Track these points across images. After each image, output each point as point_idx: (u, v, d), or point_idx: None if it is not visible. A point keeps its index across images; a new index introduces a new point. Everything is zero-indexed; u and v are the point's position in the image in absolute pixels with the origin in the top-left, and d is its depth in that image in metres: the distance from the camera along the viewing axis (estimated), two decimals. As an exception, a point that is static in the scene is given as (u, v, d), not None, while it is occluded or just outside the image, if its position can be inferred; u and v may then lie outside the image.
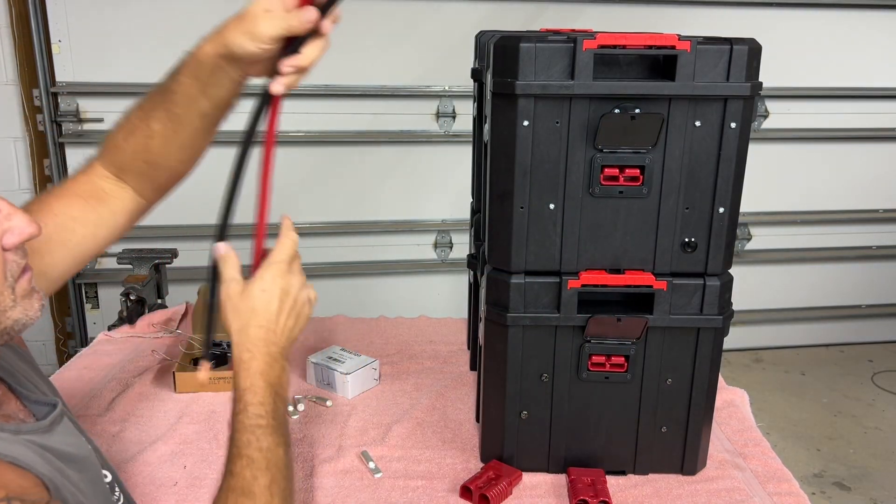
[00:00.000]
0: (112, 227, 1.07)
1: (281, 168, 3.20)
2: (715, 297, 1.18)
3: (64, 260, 1.02)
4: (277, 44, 0.93)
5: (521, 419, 1.25)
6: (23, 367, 0.93)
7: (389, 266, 2.98)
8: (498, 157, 1.13)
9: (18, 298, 0.78)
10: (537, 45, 1.06)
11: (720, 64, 1.07)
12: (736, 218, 1.16)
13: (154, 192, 1.09)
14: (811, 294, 3.32)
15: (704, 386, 1.23)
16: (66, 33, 2.60)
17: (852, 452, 2.64)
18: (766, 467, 1.31)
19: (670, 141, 1.11)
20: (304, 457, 1.31)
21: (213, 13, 2.68)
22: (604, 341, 1.19)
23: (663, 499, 1.22)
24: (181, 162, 1.06)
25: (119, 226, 1.08)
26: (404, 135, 2.85)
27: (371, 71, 2.75)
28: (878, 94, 3.07)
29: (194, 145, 1.05)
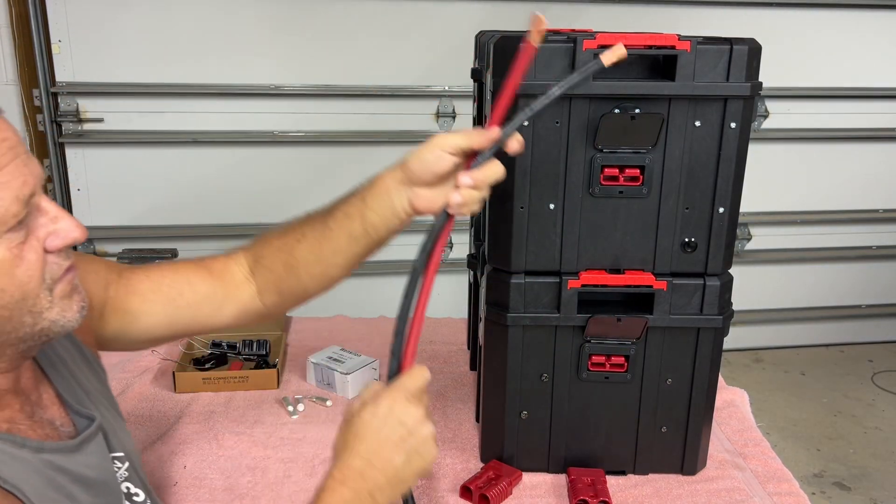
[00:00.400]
0: (218, 309, 1.06)
1: (281, 168, 3.22)
2: (715, 297, 1.18)
3: (161, 314, 1.03)
4: (455, 157, 0.92)
5: (521, 419, 1.25)
6: (79, 376, 0.94)
7: (389, 266, 2.97)
8: (498, 158, 1.13)
9: (56, 299, 0.77)
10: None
11: (720, 64, 1.07)
12: (736, 218, 1.16)
13: (273, 301, 1.08)
14: (811, 294, 3.31)
15: (704, 386, 1.22)
16: (66, 33, 2.60)
17: (852, 452, 2.64)
18: (766, 467, 1.31)
19: (670, 141, 1.11)
20: (304, 457, 1.31)
21: (212, 13, 2.67)
22: (604, 341, 1.19)
23: (663, 499, 1.22)
24: (313, 277, 1.04)
25: (225, 312, 1.07)
26: (404, 135, 2.84)
27: (371, 71, 2.75)
28: (878, 94, 3.07)
29: (331, 265, 1.03)
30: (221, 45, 2.64)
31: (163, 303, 1.03)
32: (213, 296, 1.06)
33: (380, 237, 1.00)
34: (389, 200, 0.97)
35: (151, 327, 1.04)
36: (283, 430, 1.39)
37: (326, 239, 1.01)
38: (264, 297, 1.07)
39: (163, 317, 1.04)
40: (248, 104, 2.72)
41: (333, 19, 2.68)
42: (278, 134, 2.77)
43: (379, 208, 0.97)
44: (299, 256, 1.03)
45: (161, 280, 1.04)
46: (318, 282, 1.04)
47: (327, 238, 1.01)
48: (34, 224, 0.74)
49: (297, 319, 1.87)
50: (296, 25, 2.67)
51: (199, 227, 2.76)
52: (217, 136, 2.74)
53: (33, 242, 0.74)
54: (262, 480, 1.25)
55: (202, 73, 2.65)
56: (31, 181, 0.73)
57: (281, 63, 2.70)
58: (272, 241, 1.06)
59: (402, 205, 0.97)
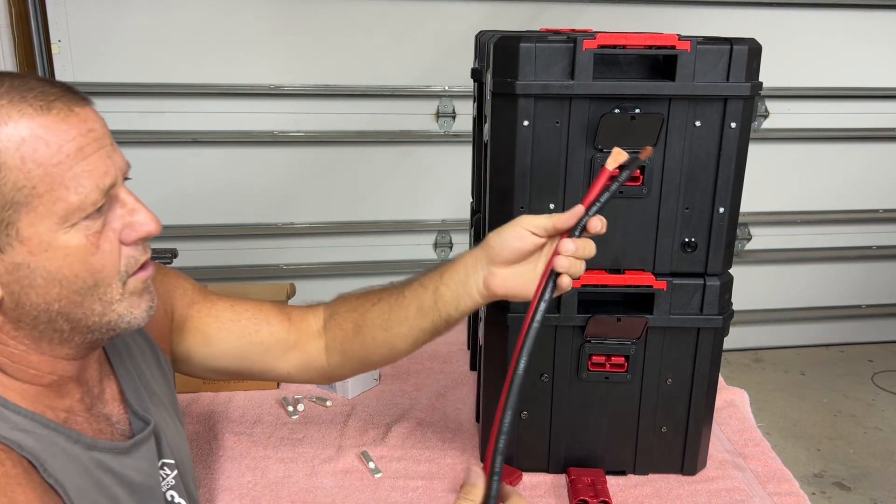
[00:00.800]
0: (285, 354, 1.07)
1: (281, 168, 3.21)
2: (715, 297, 1.18)
3: (233, 344, 1.05)
4: (537, 237, 0.92)
5: (521, 419, 1.25)
6: (147, 377, 0.95)
7: (389, 266, 2.98)
8: (498, 157, 1.13)
9: (127, 294, 0.78)
10: (537, 44, 1.06)
11: (720, 64, 1.07)
12: (736, 218, 1.16)
13: (336, 361, 1.08)
14: (811, 294, 3.31)
15: (704, 386, 1.22)
16: (66, 33, 2.60)
17: (852, 452, 2.63)
18: (767, 467, 1.31)
19: (670, 141, 1.11)
20: (304, 457, 1.31)
21: (212, 13, 2.68)
22: (604, 341, 1.19)
23: (663, 499, 1.22)
24: (376, 343, 1.03)
25: (291, 360, 1.08)
26: (404, 135, 2.84)
27: (371, 71, 2.75)
28: (879, 94, 3.07)
29: (395, 334, 1.02)
30: (221, 45, 2.64)
31: (238, 333, 1.05)
32: (286, 341, 1.07)
33: (448, 314, 0.98)
34: (465, 277, 0.96)
35: (221, 356, 1.06)
36: (283, 430, 1.39)
37: (398, 306, 1.01)
38: (330, 355, 1.08)
39: (234, 347, 1.05)
40: (248, 104, 2.72)
41: (333, 19, 2.67)
42: (278, 134, 2.77)
43: (453, 284, 0.97)
44: (369, 319, 1.03)
45: (243, 312, 1.06)
46: (380, 349, 1.04)
47: (398, 305, 1.01)
48: (112, 215, 0.76)
49: (297, 319, 1.87)
50: (296, 25, 2.67)
51: (200, 227, 2.76)
52: (217, 136, 2.74)
53: (109, 233, 0.76)
54: (262, 480, 1.25)
55: (202, 73, 2.65)
56: (113, 172, 0.75)
57: (281, 63, 2.70)
58: (350, 300, 1.07)
59: (476, 283, 0.95)
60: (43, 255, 0.72)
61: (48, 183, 0.70)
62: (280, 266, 2.89)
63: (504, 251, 0.93)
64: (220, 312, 1.06)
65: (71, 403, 0.82)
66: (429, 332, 1.01)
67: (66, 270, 0.73)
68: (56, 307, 0.75)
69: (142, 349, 0.97)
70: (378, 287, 1.06)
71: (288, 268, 2.90)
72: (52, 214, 0.71)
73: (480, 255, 0.95)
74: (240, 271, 2.84)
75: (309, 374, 1.10)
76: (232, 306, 1.07)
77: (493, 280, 0.94)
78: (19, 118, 0.69)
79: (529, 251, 0.93)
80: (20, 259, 0.71)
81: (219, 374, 1.10)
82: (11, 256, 0.71)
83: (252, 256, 2.86)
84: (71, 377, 0.82)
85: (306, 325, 1.08)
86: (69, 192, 0.71)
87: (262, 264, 2.87)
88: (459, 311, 0.98)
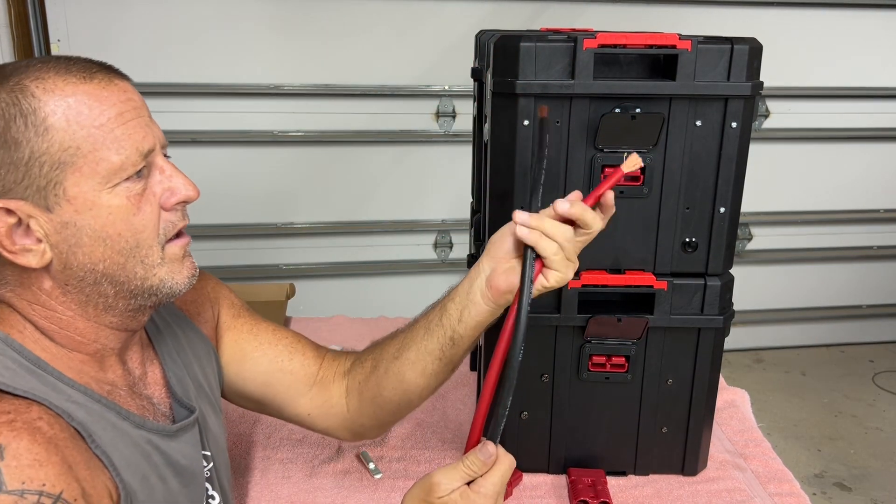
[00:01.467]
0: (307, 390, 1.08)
1: (281, 168, 3.21)
2: (715, 297, 1.17)
3: (263, 367, 1.06)
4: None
5: (521, 419, 1.24)
6: (195, 368, 0.97)
7: (389, 266, 2.98)
8: (498, 157, 1.13)
9: (167, 259, 0.82)
10: (537, 44, 1.06)
11: (721, 63, 1.06)
12: (737, 218, 1.16)
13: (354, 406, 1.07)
14: (812, 294, 3.31)
15: (705, 386, 1.22)
16: (66, 33, 2.60)
17: (853, 453, 2.63)
18: (767, 468, 1.30)
19: (671, 141, 1.10)
20: (304, 457, 1.31)
21: (212, 13, 2.68)
22: (604, 341, 1.19)
23: (664, 499, 1.22)
24: (388, 377, 1.02)
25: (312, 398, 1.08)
26: (404, 134, 2.84)
27: (371, 70, 2.75)
28: (879, 93, 3.06)
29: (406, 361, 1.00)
30: (221, 45, 2.64)
31: (272, 357, 1.07)
32: (314, 376, 1.08)
33: (453, 329, 0.96)
34: (469, 286, 0.95)
35: (250, 378, 1.07)
36: (283, 431, 1.38)
37: (410, 331, 1.01)
38: (350, 397, 1.07)
39: (265, 371, 1.07)
40: (247, 104, 2.72)
41: (333, 19, 2.67)
42: (278, 134, 2.76)
43: (458, 297, 0.96)
44: (385, 352, 1.04)
45: (283, 339, 1.08)
46: (392, 382, 1.02)
47: (410, 330, 1.01)
48: (152, 180, 0.81)
49: (297, 320, 1.87)
50: (296, 25, 2.67)
51: (199, 226, 2.76)
52: (217, 135, 2.73)
53: (150, 197, 0.80)
54: (261, 481, 1.25)
55: (202, 72, 2.65)
56: (151, 139, 0.80)
57: (281, 63, 2.69)
58: (378, 340, 1.07)
59: (479, 286, 0.94)
60: (88, 214, 0.77)
61: (91, 143, 0.76)
62: (280, 266, 2.89)
63: (504, 244, 0.92)
64: (260, 332, 1.08)
65: (113, 378, 0.85)
66: (436, 356, 0.98)
67: (109, 229, 0.78)
68: (101, 268, 0.79)
69: (193, 344, 1.00)
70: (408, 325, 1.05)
71: (288, 268, 2.89)
72: (96, 174, 0.76)
73: (482, 259, 0.95)
74: (239, 271, 2.84)
75: (329, 421, 1.09)
76: (273, 331, 1.09)
77: (496, 276, 0.93)
78: (64, 85, 0.76)
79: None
80: (67, 218, 0.76)
81: (242, 396, 1.10)
82: (59, 215, 0.76)
83: (252, 256, 2.85)
84: (113, 349, 0.85)
85: (336, 364, 1.09)
86: (111, 152, 0.77)
87: (262, 264, 2.87)
88: (464, 324, 0.95)
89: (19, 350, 0.78)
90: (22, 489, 0.66)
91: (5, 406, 0.71)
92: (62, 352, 0.81)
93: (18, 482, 0.66)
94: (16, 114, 0.74)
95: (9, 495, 0.65)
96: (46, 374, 0.77)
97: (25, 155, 0.74)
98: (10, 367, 0.75)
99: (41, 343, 0.80)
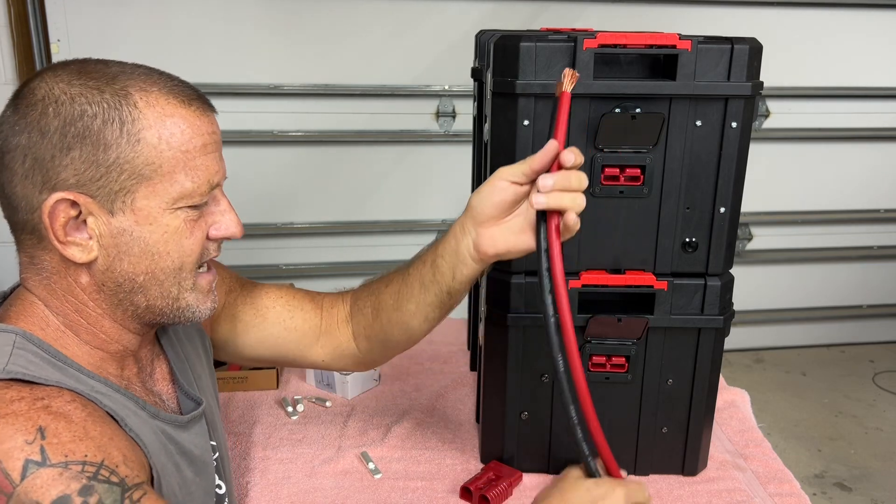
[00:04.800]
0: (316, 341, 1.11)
1: (281, 168, 3.20)
2: (716, 297, 1.17)
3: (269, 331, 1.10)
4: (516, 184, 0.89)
5: (521, 419, 1.24)
6: (195, 362, 1.00)
7: (389, 266, 2.98)
8: (498, 157, 1.13)
9: (196, 287, 0.85)
10: (537, 44, 1.06)
11: (721, 63, 1.06)
12: (737, 218, 1.16)
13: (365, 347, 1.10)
14: (812, 294, 3.31)
15: (705, 386, 1.22)
16: (66, 33, 2.60)
17: (853, 453, 2.63)
18: (767, 468, 1.30)
19: (671, 141, 1.10)
20: (304, 458, 1.31)
21: (212, 13, 2.67)
22: (604, 341, 1.19)
23: (664, 499, 1.21)
24: (391, 323, 1.05)
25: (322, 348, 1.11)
26: (404, 134, 2.84)
27: (371, 70, 2.75)
28: (879, 93, 3.06)
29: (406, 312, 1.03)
30: (221, 45, 2.64)
31: (273, 321, 1.09)
32: (318, 328, 1.10)
33: (448, 286, 0.98)
34: (455, 245, 0.95)
35: (256, 343, 1.10)
36: (283, 431, 1.38)
37: (404, 284, 1.03)
38: (358, 341, 1.10)
39: (269, 335, 1.09)
40: (247, 104, 2.72)
41: (333, 19, 2.67)
42: (278, 134, 2.76)
43: (447, 254, 0.97)
44: (383, 301, 1.06)
45: (278, 299, 1.11)
46: (396, 329, 1.06)
47: (405, 283, 1.03)
48: (207, 210, 0.84)
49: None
50: (296, 25, 2.67)
51: (199, 227, 2.76)
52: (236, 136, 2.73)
53: (202, 225, 0.84)
54: (261, 481, 1.24)
55: (202, 72, 2.65)
56: (222, 174, 0.85)
57: (281, 63, 2.69)
58: (370, 284, 1.10)
59: (467, 248, 0.94)
60: (147, 227, 0.79)
61: (172, 165, 0.78)
62: (280, 266, 2.89)
63: (486, 208, 0.90)
64: (255, 300, 1.10)
65: (129, 374, 0.88)
66: (435, 305, 1.01)
67: (161, 246, 0.80)
68: (141, 280, 0.81)
69: (191, 337, 1.02)
70: (392, 269, 1.07)
71: (287, 268, 2.89)
72: (167, 194, 0.79)
73: (466, 220, 0.94)
74: (239, 271, 2.82)
75: (344, 362, 1.13)
76: (267, 293, 1.11)
77: (483, 241, 0.92)
78: (165, 104, 0.79)
79: (512, 201, 0.90)
80: (126, 226, 0.79)
81: (255, 361, 1.13)
82: (120, 221, 0.78)
83: (252, 256, 2.85)
84: (132, 350, 0.88)
85: (336, 311, 1.11)
86: (187, 178, 0.79)
87: (262, 264, 2.86)
88: (458, 281, 0.97)
89: (39, 345, 0.79)
90: (66, 461, 0.69)
91: (38, 393, 0.73)
92: (84, 349, 0.83)
93: (61, 455, 0.69)
94: (115, 117, 0.76)
95: (54, 468, 0.68)
96: (68, 367, 0.79)
97: (111, 158, 0.76)
98: (34, 362, 0.77)
99: (63, 340, 0.82)
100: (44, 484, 0.68)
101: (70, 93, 0.76)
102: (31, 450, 0.68)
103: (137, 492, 0.72)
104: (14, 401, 0.71)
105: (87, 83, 0.76)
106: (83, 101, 0.75)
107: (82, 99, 0.75)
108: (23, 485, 0.67)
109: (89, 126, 0.75)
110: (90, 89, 0.76)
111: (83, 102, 0.75)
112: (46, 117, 0.75)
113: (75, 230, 0.78)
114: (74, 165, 0.75)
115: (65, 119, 0.75)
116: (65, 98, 0.75)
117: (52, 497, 0.67)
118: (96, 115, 0.75)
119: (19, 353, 0.77)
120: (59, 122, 0.75)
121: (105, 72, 0.78)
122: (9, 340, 0.77)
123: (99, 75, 0.78)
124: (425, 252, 1.01)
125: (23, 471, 0.68)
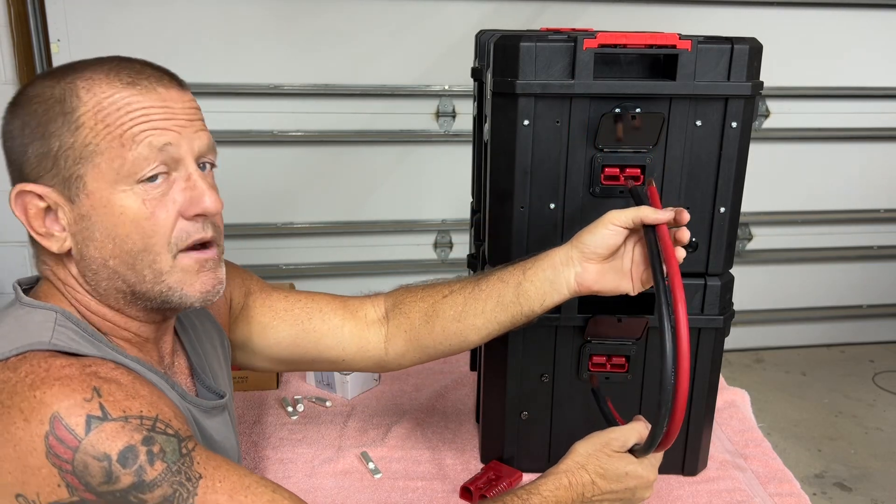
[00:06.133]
0: (340, 342, 1.11)
1: (281, 168, 3.20)
2: (716, 297, 1.17)
3: (287, 333, 1.10)
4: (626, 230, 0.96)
5: (521, 419, 1.24)
6: (212, 358, 1.01)
7: (389, 266, 2.98)
8: (498, 157, 1.13)
9: (178, 269, 0.83)
10: (537, 44, 1.06)
11: (721, 63, 1.06)
12: (737, 218, 1.16)
13: (397, 351, 1.11)
14: (812, 294, 3.31)
15: (705, 386, 1.22)
16: (65, 33, 2.60)
17: (853, 453, 2.63)
18: (767, 468, 1.30)
19: (671, 141, 1.10)
20: (304, 458, 1.31)
21: (212, 13, 2.67)
22: (604, 341, 1.19)
23: (664, 499, 1.21)
24: (446, 334, 1.07)
25: (347, 348, 1.12)
26: (404, 134, 2.84)
27: (371, 70, 2.75)
28: (880, 93, 3.06)
29: (469, 325, 1.05)
30: (221, 45, 2.64)
31: (291, 322, 1.10)
32: (341, 329, 1.11)
33: (531, 309, 1.01)
34: (552, 275, 0.99)
35: (275, 344, 1.10)
36: (283, 431, 1.38)
37: (474, 299, 1.04)
38: (390, 343, 1.11)
39: (288, 335, 1.10)
40: (247, 104, 2.72)
41: (333, 19, 2.67)
42: (278, 133, 2.76)
43: (538, 280, 1.00)
44: (440, 310, 1.06)
45: (296, 302, 1.11)
46: (450, 340, 1.07)
47: (475, 298, 1.04)
48: (175, 187, 0.82)
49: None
50: (296, 25, 2.67)
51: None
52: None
53: (168, 203, 0.81)
54: (261, 481, 1.24)
55: (202, 72, 2.65)
56: (171, 137, 0.81)
57: (281, 63, 2.69)
58: (416, 291, 1.10)
59: (566, 280, 0.99)
60: (102, 210, 0.80)
61: (109, 141, 0.79)
62: (280, 266, 2.89)
63: (599, 248, 0.97)
64: (274, 302, 1.11)
65: (152, 362, 0.90)
66: (506, 325, 1.04)
67: (119, 229, 0.80)
68: (112, 264, 0.82)
69: (209, 334, 1.03)
70: (446, 279, 1.09)
71: (287, 268, 2.89)
72: (111, 171, 0.79)
73: (572, 253, 0.98)
74: (240, 271, 2.83)
75: (364, 363, 1.14)
76: (286, 297, 1.12)
77: (588, 276, 0.98)
78: (107, 87, 0.79)
79: (619, 246, 0.97)
80: (84, 211, 0.80)
81: (277, 363, 1.14)
82: (79, 208, 0.80)
83: (251, 256, 2.85)
84: (149, 338, 0.89)
85: (364, 313, 1.12)
86: (125, 149, 0.79)
87: (262, 264, 2.86)
88: (544, 307, 1.01)
89: (77, 323, 0.83)
90: (125, 415, 0.73)
91: (86, 361, 0.77)
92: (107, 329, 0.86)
93: (120, 411, 0.73)
94: (59, 111, 0.79)
95: (115, 422, 0.72)
96: (104, 345, 0.83)
97: (55, 147, 0.79)
98: (74, 339, 0.80)
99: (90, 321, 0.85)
100: (109, 436, 0.71)
101: (31, 94, 0.81)
102: (90, 406, 0.72)
103: (191, 442, 0.77)
104: (65, 367, 0.75)
105: (46, 82, 0.81)
106: (38, 100, 0.80)
107: (38, 98, 0.80)
108: (88, 438, 0.71)
109: (40, 121, 0.79)
110: (46, 87, 0.80)
111: (37, 101, 0.80)
112: (15, 119, 0.81)
113: (52, 222, 0.81)
114: (31, 160, 0.80)
115: (23, 119, 0.80)
116: (25, 100, 0.81)
117: (119, 448, 0.71)
118: (46, 112, 0.79)
119: (61, 330, 0.80)
120: (20, 122, 0.81)
121: (70, 68, 0.82)
122: (50, 317, 0.81)
123: (61, 73, 0.81)
124: (504, 273, 1.03)
125: (86, 426, 0.71)
